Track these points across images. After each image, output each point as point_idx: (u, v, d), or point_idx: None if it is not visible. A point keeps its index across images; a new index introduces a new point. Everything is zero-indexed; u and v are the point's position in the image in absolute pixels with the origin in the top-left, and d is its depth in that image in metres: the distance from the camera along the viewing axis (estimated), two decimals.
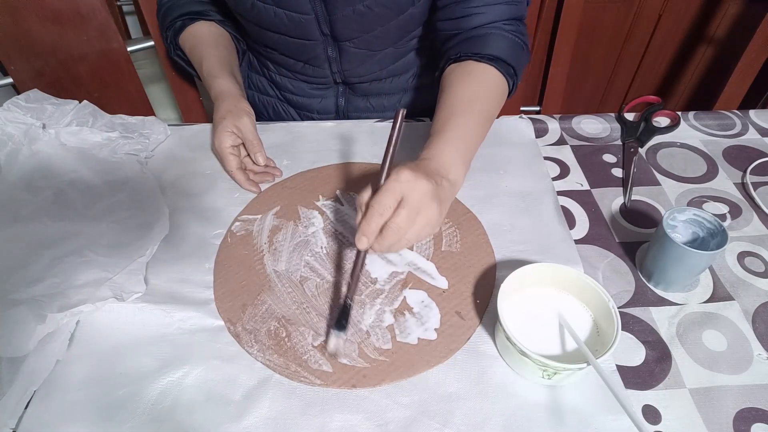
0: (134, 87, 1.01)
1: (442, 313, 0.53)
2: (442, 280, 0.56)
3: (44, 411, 0.45)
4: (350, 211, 0.63)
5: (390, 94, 0.82)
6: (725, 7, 1.36)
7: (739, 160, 0.71)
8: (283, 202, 0.64)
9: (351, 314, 0.50)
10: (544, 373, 0.44)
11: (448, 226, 0.61)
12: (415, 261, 0.57)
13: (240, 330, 0.51)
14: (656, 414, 0.45)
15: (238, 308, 0.53)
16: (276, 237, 0.60)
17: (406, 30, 0.72)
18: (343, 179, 0.67)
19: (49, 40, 0.90)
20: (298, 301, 0.54)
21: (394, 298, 0.54)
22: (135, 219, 0.61)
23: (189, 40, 0.75)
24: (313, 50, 0.73)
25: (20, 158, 0.66)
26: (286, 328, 0.51)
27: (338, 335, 0.48)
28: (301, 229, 0.61)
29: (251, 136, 0.65)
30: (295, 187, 0.67)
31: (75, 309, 0.50)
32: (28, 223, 0.59)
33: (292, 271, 0.56)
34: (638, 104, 0.79)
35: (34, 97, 0.71)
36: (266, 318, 0.52)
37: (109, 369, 0.48)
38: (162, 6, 0.78)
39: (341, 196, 0.65)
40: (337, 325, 0.48)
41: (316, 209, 0.64)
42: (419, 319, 0.52)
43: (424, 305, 0.53)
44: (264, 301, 0.54)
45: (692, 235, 0.55)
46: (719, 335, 0.51)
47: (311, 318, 0.52)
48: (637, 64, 1.52)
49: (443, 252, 0.58)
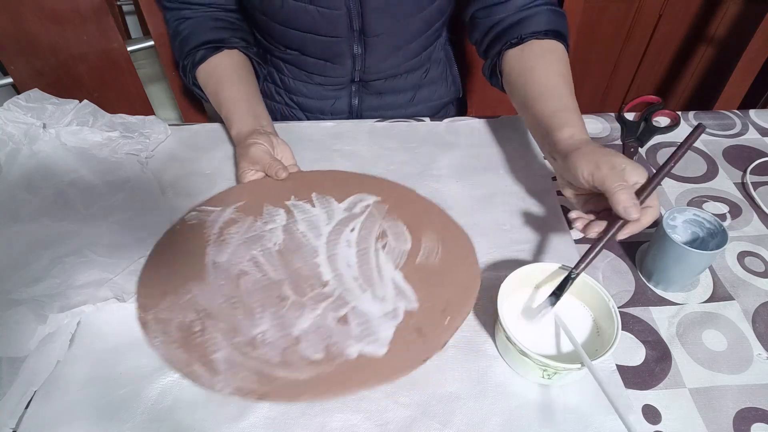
0: (134, 87, 1.01)
1: (398, 327, 0.45)
2: (408, 290, 0.49)
3: (44, 411, 0.45)
4: (320, 212, 0.58)
5: (404, 91, 0.83)
6: (725, 7, 1.36)
7: (739, 160, 0.71)
8: (251, 198, 0.60)
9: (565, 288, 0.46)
10: (544, 373, 0.44)
11: (431, 239, 0.55)
12: (381, 266, 0.51)
13: (150, 318, 0.46)
14: (656, 414, 0.45)
15: (157, 295, 0.48)
16: (228, 229, 0.55)
17: (430, 22, 0.73)
18: (327, 184, 0.62)
19: (49, 40, 0.90)
20: (227, 295, 0.48)
21: (342, 305, 0.47)
22: (135, 219, 0.61)
23: (205, 80, 0.71)
24: (339, 47, 0.72)
25: (20, 158, 0.66)
26: (203, 322, 0.46)
27: (548, 305, 0.45)
28: (259, 225, 0.56)
29: (266, 161, 0.61)
30: (270, 186, 0.62)
31: (76, 309, 0.50)
32: (28, 223, 0.59)
33: (233, 264, 0.51)
34: (638, 104, 0.79)
35: (34, 96, 0.70)
36: (185, 309, 0.47)
37: (109, 369, 0.48)
38: (178, 34, 0.72)
39: (316, 199, 0.60)
40: (553, 296, 0.45)
41: (284, 208, 0.59)
42: (365, 330, 0.45)
43: (377, 315, 0.46)
44: (189, 290, 0.49)
45: (692, 235, 0.55)
46: (719, 335, 0.51)
47: (236, 315, 0.46)
48: (637, 64, 1.52)
49: (417, 264, 0.52)
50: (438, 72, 0.84)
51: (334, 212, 0.57)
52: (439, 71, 0.84)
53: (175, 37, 0.73)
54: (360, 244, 0.53)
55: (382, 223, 0.56)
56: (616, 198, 0.46)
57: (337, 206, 0.58)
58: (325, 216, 0.57)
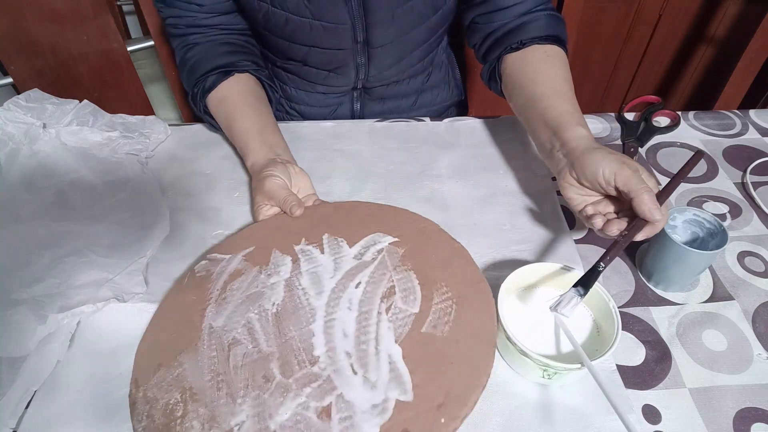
0: (134, 87, 1.01)
1: (384, 428, 0.38)
2: (404, 374, 0.41)
3: (45, 411, 0.45)
4: (327, 261, 0.52)
5: (406, 96, 0.83)
6: (725, 7, 1.36)
7: (739, 160, 0.71)
8: (261, 243, 0.55)
9: (594, 282, 0.44)
10: (544, 373, 0.44)
11: (445, 298, 0.46)
12: (380, 338, 0.45)
13: (140, 397, 0.43)
14: (656, 414, 0.45)
15: (152, 368, 0.45)
16: (232, 284, 0.51)
17: (434, 30, 0.73)
18: (341, 221, 0.57)
19: (49, 40, 0.90)
20: (215, 371, 0.44)
21: (328, 391, 0.41)
22: (135, 219, 0.61)
23: (216, 110, 0.68)
24: (342, 58, 0.72)
25: (21, 158, 0.66)
26: (186, 405, 0.42)
27: (576, 296, 0.43)
28: (263, 278, 0.51)
29: (281, 196, 0.58)
30: (282, 226, 0.57)
31: (76, 309, 0.50)
32: (28, 223, 0.59)
33: (227, 330, 0.47)
34: (638, 104, 0.79)
35: (34, 96, 0.70)
36: (172, 386, 0.43)
37: (109, 369, 0.48)
38: (187, 62, 0.69)
39: (326, 242, 0.54)
40: (580, 285, 0.43)
41: (291, 255, 0.53)
42: (346, 429, 0.39)
43: (364, 408, 0.40)
44: (181, 363, 0.45)
45: (692, 235, 0.55)
46: (719, 335, 0.51)
47: (219, 397, 0.42)
48: (637, 64, 1.52)
49: (422, 334, 0.44)
50: (440, 76, 0.84)
51: (343, 260, 0.52)
52: (441, 75, 0.84)
53: (183, 65, 0.70)
54: (362, 306, 0.47)
55: (392, 275, 0.50)
56: (642, 198, 0.46)
57: (347, 252, 0.53)
58: (332, 266, 0.52)
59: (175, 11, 0.67)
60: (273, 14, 0.65)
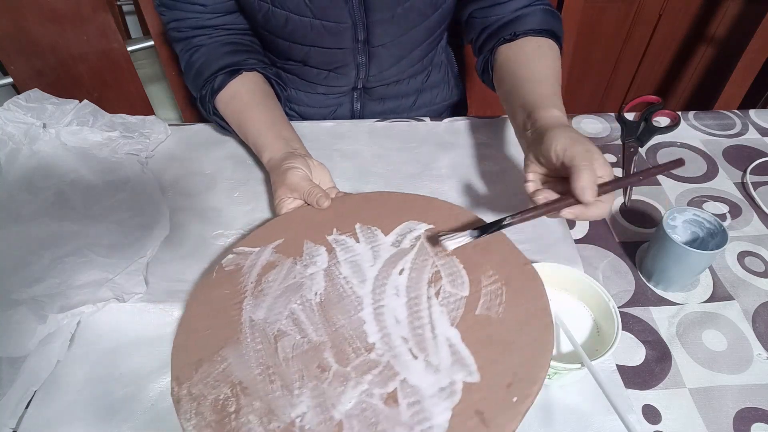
0: (134, 87, 1.01)
1: (456, 411, 0.37)
2: (467, 356, 0.40)
3: (45, 411, 0.45)
4: (364, 250, 0.51)
5: (406, 96, 0.83)
6: (725, 7, 1.36)
7: (739, 160, 0.71)
8: (290, 235, 0.54)
9: (496, 232, 0.44)
10: None
11: (493, 281, 0.45)
12: (435, 322, 0.43)
13: (184, 394, 0.41)
14: (656, 414, 0.45)
15: (192, 364, 0.43)
16: (267, 276, 0.49)
17: (433, 29, 0.73)
18: (371, 211, 0.55)
19: (49, 40, 0.90)
20: (264, 364, 0.42)
21: (391, 377, 0.40)
22: (135, 219, 0.61)
23: (225, 110, 0.67)
24: (343, 58, 0.72)
25: (21, 158, 0.66)
26: (238, 399, 0.40)
27: (467, 237, 0.43)
28: (299, 269, 0.50)
29: (305, 188, 0.56)
30: (309, 218, 0.55)
31: (76, 309, 0.50)
32: (28, 223, 0.59)
33: (270, 322, 0.46)
34: (638, 104, 0.79)
35: (34, 96, 0.71)
36: (219, 382, 0.42)
37: (109, 369, 0.48)
38: (192, 65, 0.68)
39: (360, 231, 0.53)
40: (478, 229, 0.43)
41: (325, 245, 0.52)
42: (417, 414, 0.37)
43: (431, 392, 0.38)
44: (225, 358, 0.43)
45: (692, 235, 0.55)
46: (719, 335, 0.51)
47: (273, 389, 0.41)
48: (637, 64, 1.52)
49: (477, 317, 0.43)
50: (439, 76, 0.84)
51: (380, 249, 0.50)
52: (441, 75, 0.84)
53: (189, 68, 0.69)
54: (410, 292, 0.46)
55: (434, 260, 0.48)
56: (579, 175, 0.43)
57: (383, 240, 0.51)
58: (370, 254, 0.50)
59: (178, 14, 0.67)
60: (273, 14, 0.65)
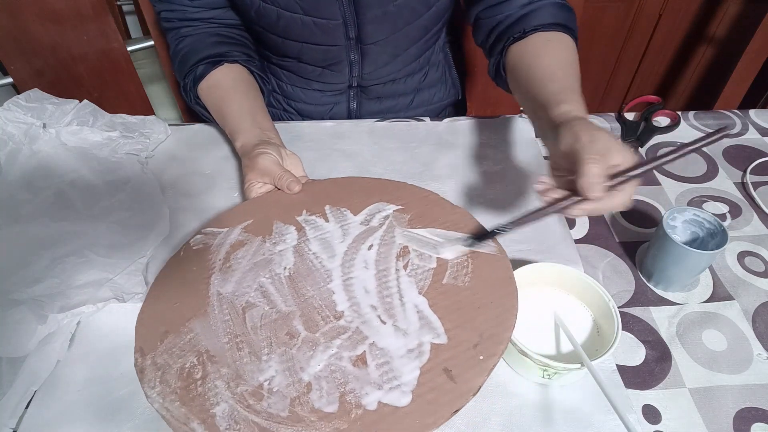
0: (134, 87, 1.01)
1: (424, 369, 0.39)
2: (434, 320, 0.42)
3: (44, 411, 0.45)
4: (334, 228, 0.52)
5: (403, 95, 0.82)
6: (725, 7, 1.36)
7: (739, 160, 0.71)
8: (259, 216, 0.55)
9: (491, 240, 0.45)
10: (544, 373, 0.44)
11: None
12: (403, 291, 0.45)
13: (148, 364, 0.42)
14: (656, 414, 0.45)
15: (157, 336, 0.44)
16: (235, 254, 0.50)
17: (427, 28, 0.73)
18: (341, 193, 0.57)
19: (49, 40, 0.90)
20: (231, 333, 0.43)
21: (360, 341, 0.42)
22: (135, 219, 0.61)
23: (207, 95, 0.68)
24: (336, 55, 0.72)
25: (21, 158, 0.66)
26: (205, 367, 0.41)
27: (468, 245, 0.45)
28: (268, 246, 0.51)
29: (276, 172, 0.57)
30: (279, 200, 0.56)
31: (76, 309, 0.50)
32: (28, 223, 0.59)
33: (238, 295, 0.46)
34: (638, 104, 0.79)
35: (34, 96, 0.71)
36: (186, 351, 0.42)
37: (109, 369, 0.48)
38: (178, 53, 0.70)
39: (330, 212, 0.54)
40: (476, 237, 0.45)
41: (295, 225, 0.53)
42: (386, 374, 0.39)
43: (400, 353, 0.40)
44: (191, 329, 0.44)
45: (692, 235, 0.55)
46: (719, 335, 0.51)
47: (241, 357, 0.42)
48: (637, 64, 1.52)
49: (444, 285, 0.45)
50: (437, 75, 0.84)
51: (350, 227, 0.52)
52: (438, 74, 0.84)
53: (175, 56, 0.71)
54: (379, 265, 0.48)
55: (402, 236, 0.51)
56: (583, 169, 0.40)
57: (352, 219, 0.53)
58: (339, 232, 0.52)
59: (168, 5, 0.68)
60: (265, 10, 0.65)
